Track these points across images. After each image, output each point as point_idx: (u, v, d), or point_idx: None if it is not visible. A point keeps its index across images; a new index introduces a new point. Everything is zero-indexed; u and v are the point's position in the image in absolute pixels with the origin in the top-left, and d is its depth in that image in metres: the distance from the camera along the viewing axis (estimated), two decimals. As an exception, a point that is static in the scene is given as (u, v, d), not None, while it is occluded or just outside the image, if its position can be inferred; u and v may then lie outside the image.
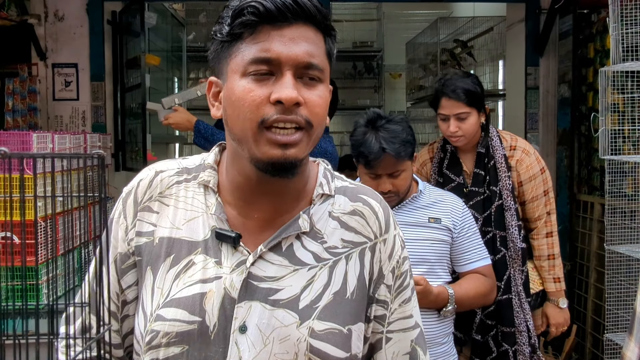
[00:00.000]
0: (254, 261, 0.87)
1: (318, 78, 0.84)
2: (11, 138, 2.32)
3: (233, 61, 0.84)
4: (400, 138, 1.71)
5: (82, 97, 3.62)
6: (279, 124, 0.81)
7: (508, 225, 2.07)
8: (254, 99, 0.81)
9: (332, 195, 0.94)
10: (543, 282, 2.19)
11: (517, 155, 2.13)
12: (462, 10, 5.37)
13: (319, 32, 0.85)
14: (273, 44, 0.81)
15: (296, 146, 0.82)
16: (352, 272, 0.91)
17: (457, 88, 2.03)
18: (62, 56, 3.61)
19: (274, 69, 0.81)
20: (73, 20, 3.61)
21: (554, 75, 3.66)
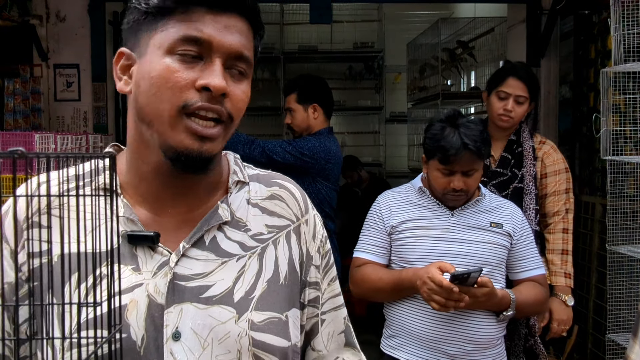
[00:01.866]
0: (177, 260, 0.80)
1: (245, 72, 0.81)
2: (14, 139, 2.33)
3: (158, 35, 0.76)
4: (481, 137, 1.74)
5: (84, 97, 3.62)
6: (201, 112, 0.75)
7: (525, 208, 2.14)
8: (177, 80, 0.75)
9: (247, 183, 0.91)
10: (552, 276, 2.19)
11: (545, 149, 2.25)
12: (463, 11, 5.37)
13: (250, 27, 0.82)
14: (207, 27, 0.76)
15: (214, 140, 0.77)
16: (282, 256, 0.88)
17: (527, 73, 2.19)
18: (64, 57, 3.62)
19: (204, 53, 0.76)
20: (74, 21, 3.61)
21: (555, 76, 3.66)
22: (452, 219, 1.85)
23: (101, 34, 3.61)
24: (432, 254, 1.81)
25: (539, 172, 2.21)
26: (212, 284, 0.81)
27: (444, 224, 1.85)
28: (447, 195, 1.82)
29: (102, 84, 3.63)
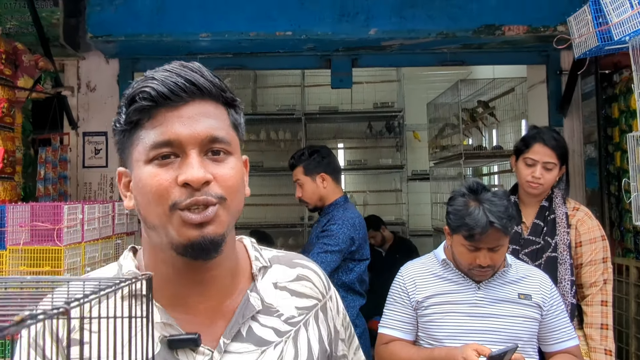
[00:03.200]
0: (220, 358, 0.81)
1: (226, 151, 0.82)
2: (43, 211, 2.37)
3: (136, 149, 0.81)
4: (507, 213, 1.69)
5: (111, 164, 3.70)
6: (192, 208, 0.77)
7: (561, 279, 2.08)
8: (160, 183, 0.78)
9: (269, 266, 0.93)
10: (591, 352, 2.09)
11: (579, 216, 2.19)
12: (482, 71, 5.44)
13: (219, 105, 0.83)
14: (171, 125, 0.78)
15: (214, 222, 0.78)
16: (314, 337, 0.90)
17: (554, 139, 2.16)
18: (93, 125, 3.73)
19: (177, 151, 0.79)
20: (104, 90, 3.75)
21: (579, 135, 3.64)
22: (479, 292, 1.80)
23: (129, 102, 3.73)
24: (461, 331, 1.76)
25: (573, 241, 2.13)
26: None
27: (470, 299, 1.80)
28: (473, 270, 1.78)
29: (128, 151, 3.71)
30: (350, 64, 3.73)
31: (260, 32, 3.40)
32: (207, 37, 3.41)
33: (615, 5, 1.94)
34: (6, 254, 2.34)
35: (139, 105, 0.79)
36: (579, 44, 2.34)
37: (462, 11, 3.41)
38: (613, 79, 3.46)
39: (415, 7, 3.42)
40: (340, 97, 6.33)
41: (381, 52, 3.71)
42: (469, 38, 3.46)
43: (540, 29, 3.39)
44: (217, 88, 0.82)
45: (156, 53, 3.68)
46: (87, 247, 2.53)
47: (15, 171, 3.03)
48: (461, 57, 3.75)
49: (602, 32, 2.12)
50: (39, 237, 2.39)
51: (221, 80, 0.84)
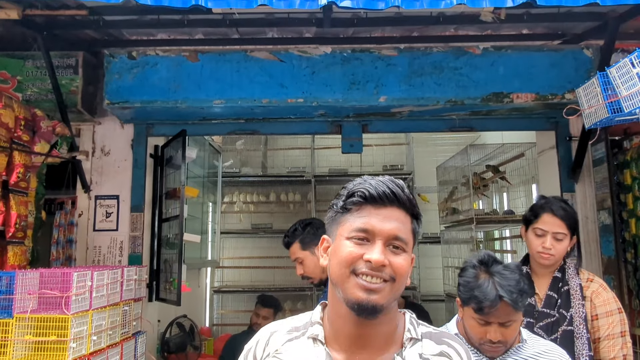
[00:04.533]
0: None
1: (403, 248, 1.11)
2: (52, 279, 2.35)
3: (342, 227, 1.14)
4: (518, 287, 1.66)
5: (122, 227, 3.70)
6: (366, 277, 1.08)
7: (578, 355, 2.00)
8: (351, 254, 1.10)
9: (420, 339, 1.16)
10: None
11: (593, 287, 2.13)
12: (491, 136, 5.49)
13: (407, 215, 1.13)
14: (372, 219, 1.11)
15: (379, 293, 1.08)
16: None
17: (563, 209, 2.13)
18: (105, 188, 3.76)
19: (369, 237, 1.10)
20: (118, 154, 3.80)
21: (592, 201, 3.61)
22: None
23: (142, 166, 3.77)
24: None
25: (589, 314, 2.07)
26: None
27: None
28: (484, 345, 1.72)
29: (139, 214, 3.72)
30: (361, 130, 3.78)
31: (272, 99, 3.48)
32: (221, 103, 3.49)
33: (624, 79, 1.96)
34: (13, 322, 2.30)
35: (356, 199, 1.13)
36: (588, 115, 2.35)
37: (470, 79, 3.48)
38: (623, 145, 3.47)
39: (423, 75, 3.49)
40: (349, 159, 6.39)
41: (391, 119, 3.77)
42: (477, 105, 3.51)
43: (548, 96, 3.44)
44: (410, 203, 1.14)
45: (170, 118, 3.76)
46: (94, 314, 2.49)
47: (26, 235, 3.04)
48: (470, 124, 3.79)
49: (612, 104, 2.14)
50: (47, 305, 2.36)
51: (413, 197, 1.16)
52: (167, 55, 3.55)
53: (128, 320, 2.92)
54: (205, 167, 5.73)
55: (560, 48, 3.52)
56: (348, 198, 1.14)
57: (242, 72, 3.51)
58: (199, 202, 5.49)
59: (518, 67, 3.49)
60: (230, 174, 6.24)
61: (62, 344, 2.28)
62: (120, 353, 2.76)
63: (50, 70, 3.28)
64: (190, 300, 5.17)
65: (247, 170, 6.40)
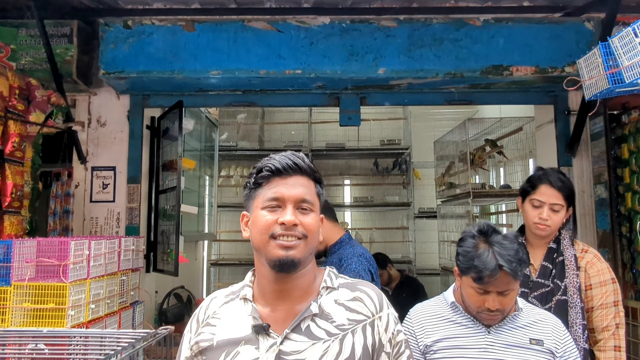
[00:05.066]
0: (281, 341, 1.24)
1: (310, 208, 1.29)
2: (49, 247, 2.35)
3: (257, 200, 1.31)
4: (517, 256, 1.67)
5: (118, 198, 3.69)
6: (282, 237, 1.25)
7: (572, 323, 2.02)
8: (267, 221, 1.27)
9: (336, 288, 1.33)
10: None
11: (587, 258, 2.15)
12: (489, 110, 5.47)
13: (310, 180, 1.32)
14: (280, 188, 1.28)
15: (295, 249, 1.25)
16: (358, 342, 1.26)
17: (560, 181, 2.14)
18: (101, 159, 3.74)
19: (281, 204, 1.28)
20: (114, 125, 3.77)
21: (589, 175, 3.62)
22: (489, 337, 1.75)
23: (138, 137, 3.75)
24: None
25: (583, 283, 2.09)
26: (303, 358, 1.22)
27: (480, 344, 1.75)
28: (482, 314, 1.74)
29: (136, 186, 3.71)
30: (359, 102, 3.75)
31: (270, 70, 3.44)
32: (218, 74, 3.45)
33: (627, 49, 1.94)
34: (11, 289, 2.31)
35: (264, 173, 1.30)
36: (589, 86, 2.34)
37: (469, 52, 3.45)
38: (622, 119, 3.46)
39: (423, 47, 3.46)
40: (347, 133, 6.37)
41: (390, 91, 3.74)
42: (476, 78, 3.48)
43: (548, 69, 3.42)
44: (311, 170, 1.32)
45: (167, 89, 3.72)
46: (92, 283, 2.50)
47: (23, 205, 3.03)
48: (469, 97, 3.77)
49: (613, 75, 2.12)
50: (45, 273, 2.36)
51: (314, 165, 1.34)
52: (163, 24, 3.50)
53: (126, 290, 2.94)
54: (202, 140, 5.70)
55: (561, 21, 3.48)
56: (258, 174, 1.31)
57: (240, 43, 3.47)
58: (195, 176, 5.48)
59: (518, 39, 3.45)
60: (227, 148, 6.22)
61: (60, 311, 2.30)
62: (119, 322, 2.78)
63: (44, 38, 3.22)
64: (187, 272, 5.19)
65: (244, 144, 6.37)
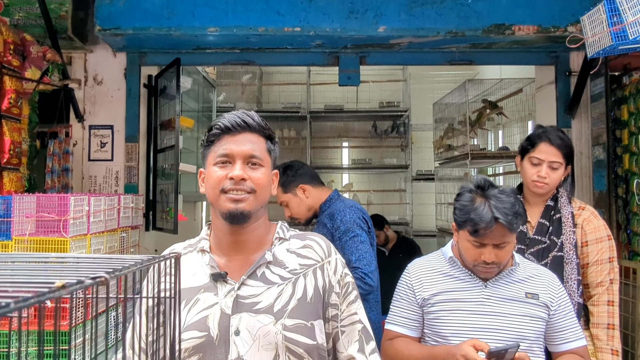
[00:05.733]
0: (239, 287, 1.30)
1: (259, 164, 1.33)
2: (49, 202, 2.35)
3: (209, 157, 1.35)
4: (513, 209, 1.68)
5: (117, 157, 3.69)
6: (232, 192, 1.30)
7: (567, 279, 2.06)
8: (218, 176, 1.31)
9: (287, 239, 1.40)
10: (597, 352, 2.06)
11: (584, 215, 2.17)
12: (489, 72, 5.42)
13: (260, 137, 1.36)
14: (229, 145, 1.33)
15: (244, 202, 1.30)
16: (310, 284, 1.33)
17: (560, 139, 2.14)
18: (99, 118, 3.72)
19: (230, 160, 1.32)
20: (111, 84, 3.73)
21: (587, 137, 3.62)
22: (486, 290, 1.79)
23: (136, 96, 3.72)
24: (466, 328, 1.74)
25: (579, 240, 2.11)
26: (260, 301, 1.29)
27: (477, 297, 1.78)
28: (478, 267, 1.76)
29: (134, 145, 3.70)
30: (359, 62, 3.71)
31: (268, 27, 3.39)
32: (216, 31, 3.40)
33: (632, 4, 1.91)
34: (12, 244, 2.33)
35: (214, 131, 1.34)
36: (592, 43, 2.31)
37: (471, 10, 3.39)
38: (623, 80, 3.44)
39: (424, 5, 3.40)
40: (345, 95, 6.32)
41: (390, 50, 3.70)
42: (478, 37, 3.44)
43: (551, 29, 3.37)
44: (260, 127, 1.36)
45: (164, 47, 3.67)
46: (92, 239, 2.52)
47: (21, 162, 3.02)
48: (470, 57, 3.73)
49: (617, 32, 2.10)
50: (45, 228, 2.38)
51: (265, 122, 1.38)
52: (159, -21, 3.41)
53: (126, 247, 2.97)
54: (200, 101, 5.65)
55: (565, -22, 3.41)
56: (209, 132, 1.36)
57: (238, -1, 3.40)
58: (193, 137, 5.46)
59: (521, -3, 3.39)
60: (225, 109, 6.17)
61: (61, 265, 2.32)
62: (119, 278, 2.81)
63: (38, -8, 3.16)
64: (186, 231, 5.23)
65: (242, 105, 6.32)
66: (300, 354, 1.26)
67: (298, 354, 1.26)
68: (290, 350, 1.26)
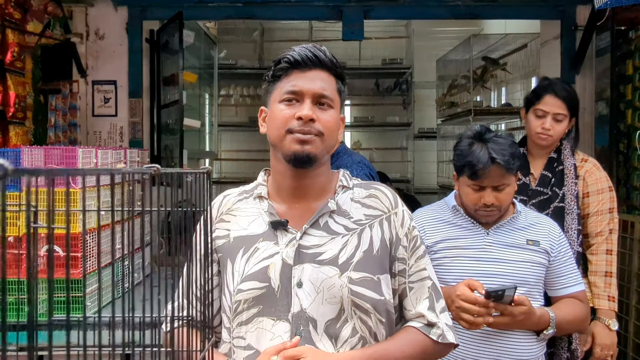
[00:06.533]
0: (301, 236, 1.23)
1: (329, 105, 1.24)
2: (57, 153, 2.38)
3: (274, 94, 1.26)
4: (510, 150, 1.72)
5: (120, 113, 3.70)
6: (299, 133, 1.20)
7: (567, 228, 2.09)
8: (284, 115, 1.22)
9: (351, 188, 1.31)
10: (595, 299, 2.13)
11: (587, 167, 2.19)
12: (493, 27, 5.35)
13: (331, 76, 1.26)
14: (299, 81, 1.23)
15: (311, 144, 1.20)
16: (376, 236, 1.25)
17: (565, 90, 2.14)
18: (102, 73, 3.71)
19: (298, 98, 1.23)
20: (113, 38, 3.70)
21: (591, 93, 3.61)
22: (488, 237, 1.83)
23: (138, 51, 3.70)
24: (469, 274, 1.79)
25: (580, 191, 2.14)
26: (323, 251, 1.22)
27: (479, 244, 1.82)
28: (479, 211, 1.80)
29: (138, 100, 3.70)
30: (362, 16, 3.67)
31: (271, -20, 3.34)
32: (218, -16, 3.35)
33: (641, -49, 1.88)
34: (22, 195, 2.37)
35: (282, 65, 1.24)
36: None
37: (478, -38, 3.34)
38: (629, 35, 3.41)
39: (430, -44, 3.34)
40: (348, 52, 6.26)
41: (394, 4, 3.65)
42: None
43: (558, -19, 3.33)
44: (333, 64, 1.26)
45: (165, 0, 3.62)
46: (101, 191, 2.56)
47: (26, 117, 3.04)
48: (475, 11, 3.68)
49: (625, -19, 2.07)
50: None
51: (336, 60, 1.27)
52: None
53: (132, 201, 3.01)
54: (202, 58, 5.61)
55: None
56: (276, 66, 1.26)
57: (240, -50, 3.34)
58: (195, 94, 5.44)
59: (529, -52, 3.33)
60: (227, 66, 6.13)
61: (71, 215, 2.37)
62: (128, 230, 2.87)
63: (37, -57, 3.10)
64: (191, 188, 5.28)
65: (244, 62, 6.28)
66: (367, 309, 1.20)
67: (364, 309, 1.20)
68: (356, 304, 1.19)
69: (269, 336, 1.19)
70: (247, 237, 1.26)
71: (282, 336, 1.18)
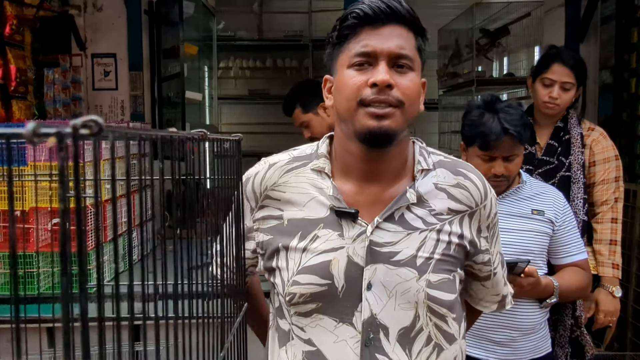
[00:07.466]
0: (372, 230, 1.04)
1: (409, 66, 1.02)
2: (63, 127, 2.37)
3: (341, 58, 1.05)
4: (522, 121, 1.71)
5: (121, 86, 3.67)
6: (375, 104, 0.98)
7: (573, 197, 2.10)
8: (355, 83, 1.00)
9: (432, 169, 1.10)
10: (599, 266, 2.16)
11: (593, 136, 2.19)
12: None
13: (410, 31, 1.03)
14: (371, 40, 1.01)
15: (390, 118, 0.99)
16: (455, 232, 1.08)
17: (573, 59, 2.13)
18: (101, 46, 3.67)
19: (371, 61, 1.01)
20: (111, 10, 3.65)
21: (595, 61, 3.58)
22: None
23: (137, 23, 3.65)
24: None
25: (587, 160, 2.15)
26: (399, 250, 1.04)
27: None
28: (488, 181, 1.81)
29: (138, 73, 3.67)
30: (364, -15, 3.61)
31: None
32: (217, -47, 3.29)
33: None
34: (27, 169, 2.37)
35: (350, 22, 1.02)
36: (607, -40, 2.25)
37: None
38: (634, 2, 3.36)
39: None
40: (348, 23, 6.17)
41: (396, -28, 3.58)
42: (488, -43, 3.33)
43: (563, -53, 3.27)
44: (411, 16, 1.03)
45: (164, -29, 3.56)
46: (105, 165, 2.56)
47: (28, 91, 3.02)
48: (478, -21, 3.63)
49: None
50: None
51: (414, 12, 1.04)
52: None
53: (135, 174, 3.02)
54: (200, 30, 5.53)
55: None
56: (342, 24, 1.03)
57: None
58: (195, 67, 5.38)
59: None
60: (225, 38, 6.05)
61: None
62: (132, 203, 2.89)
63: None
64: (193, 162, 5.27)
65: (242, 34, 6.19)
66: (444, 314, 1.07)
67: (440, 314, 1.06)
68: (432, 310, 1.05)
69: (332, 338, 1.05)
70: (305, 220, 1.07)
71: (348, 341, 1.04)
